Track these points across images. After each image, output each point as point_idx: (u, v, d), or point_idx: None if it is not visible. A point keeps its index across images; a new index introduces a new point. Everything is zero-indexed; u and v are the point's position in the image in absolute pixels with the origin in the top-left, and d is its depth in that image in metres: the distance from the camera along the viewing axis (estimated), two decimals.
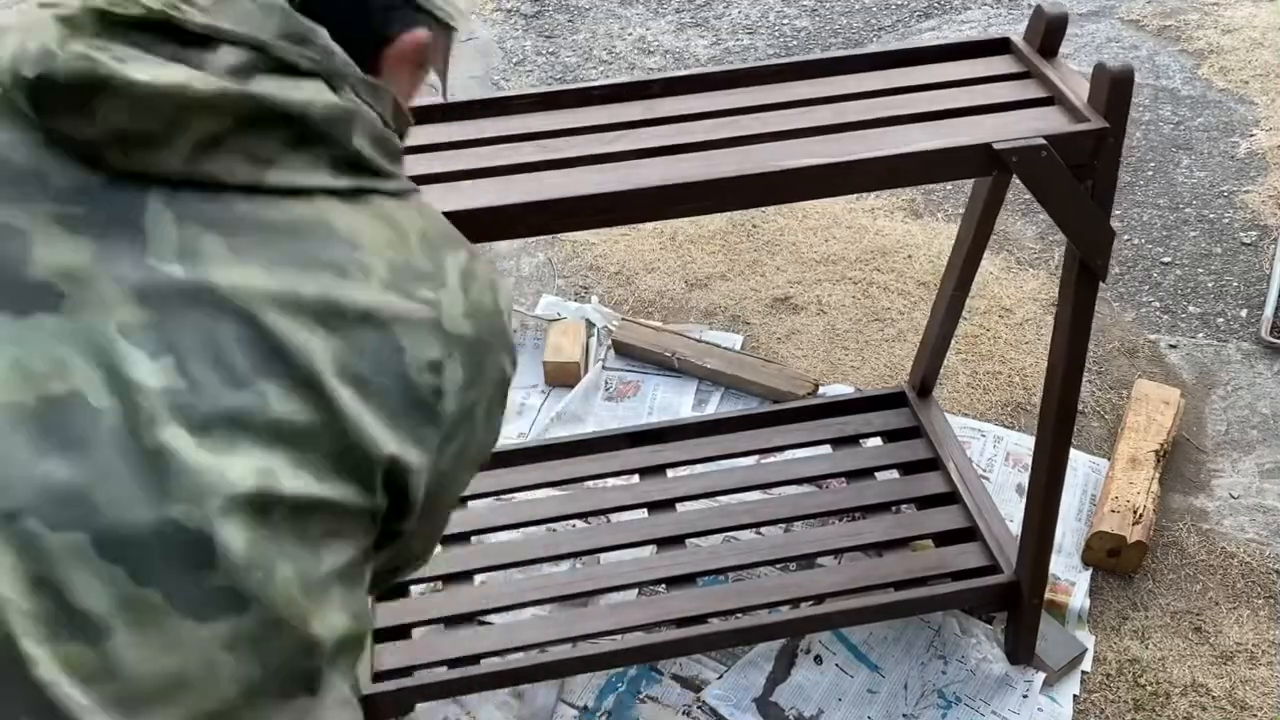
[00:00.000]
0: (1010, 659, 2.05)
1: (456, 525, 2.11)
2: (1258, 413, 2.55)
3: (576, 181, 1.42)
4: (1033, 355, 2.70)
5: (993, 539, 2.02)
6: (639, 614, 1.97)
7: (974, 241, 2.00)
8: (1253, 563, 2.25)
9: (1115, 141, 1.46)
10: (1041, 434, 1.79)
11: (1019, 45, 1.64)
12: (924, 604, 1.99)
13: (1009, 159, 1.42)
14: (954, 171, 1.52)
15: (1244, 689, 2.04)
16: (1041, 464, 1.81)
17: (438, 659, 1.89)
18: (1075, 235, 1.52)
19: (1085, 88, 1.50)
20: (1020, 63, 1.62)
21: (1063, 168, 1.44)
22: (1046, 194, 1.47)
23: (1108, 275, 1.58)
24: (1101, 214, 1.50)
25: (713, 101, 1.57)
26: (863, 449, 2.26)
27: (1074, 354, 1.67)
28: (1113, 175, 1.49)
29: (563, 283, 2.94)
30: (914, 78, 1.61)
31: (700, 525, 2.11)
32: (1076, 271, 1.57)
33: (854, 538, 2.07)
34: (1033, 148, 1.42)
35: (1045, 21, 1.58)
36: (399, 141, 0.96)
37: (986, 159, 1.43)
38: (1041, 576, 1.92)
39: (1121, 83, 1.42)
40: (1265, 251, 2.98)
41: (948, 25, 3.98)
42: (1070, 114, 1.49)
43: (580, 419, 2.55)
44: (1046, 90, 1.55)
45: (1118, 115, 1.45)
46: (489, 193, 1.40)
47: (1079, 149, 1.45)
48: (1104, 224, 1.51)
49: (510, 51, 3.98)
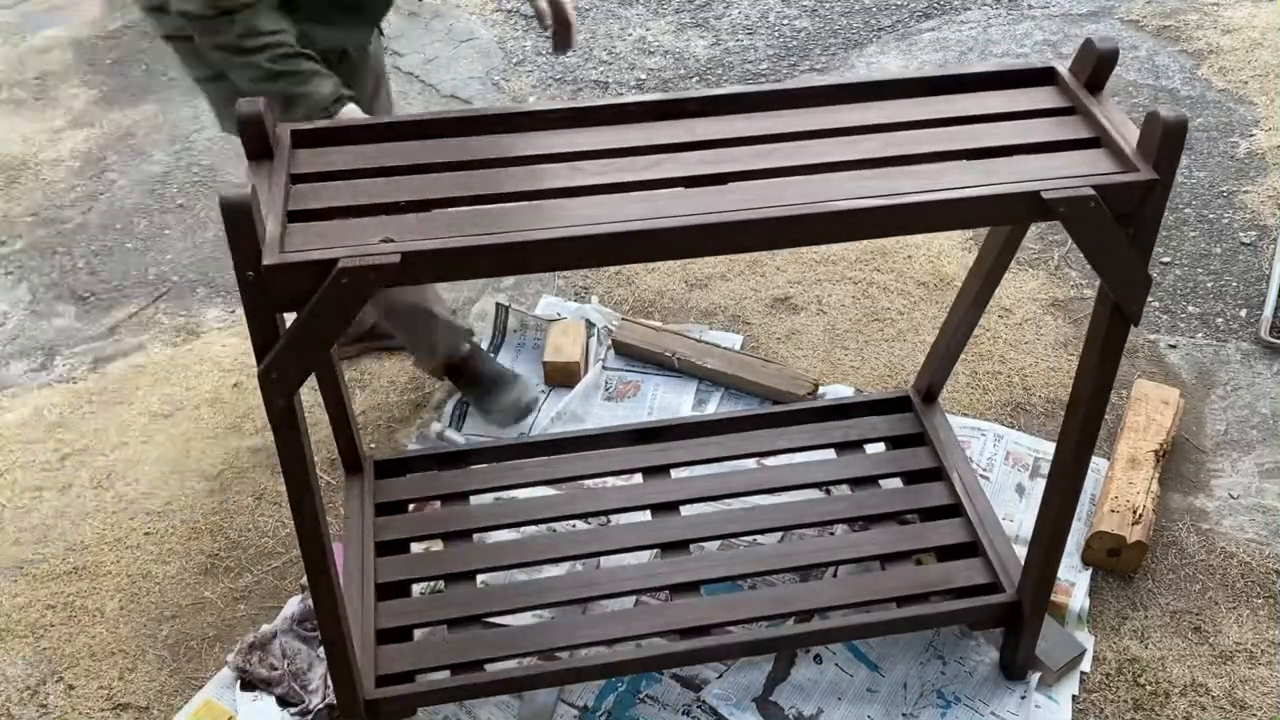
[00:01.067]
0: (1006, 674, 2.05)
1: (457, 524, 2.11)
2: (1257, 413, 2.56)
3: (611, 211, 1.39)
4: (1032, 355, 2.71)
5: (995, 556, 2.01)
6: (641, 623, 1.97)
7: (996, 263, 1.97)
8: (1252, 563, 2.25)
9: (1163, 192, 1.42)
10: (1056, 471, 1.76)
11: (1064, 77, 1.59)
12: (925, 621, 1.98)
13: (1056, 208, 1.39)
14: (1001, 217, 1.48)
15: (1243, 689, 2.05)
16: (1053, 499, 1.79)
17: (440, 664, 1.89)
18: (1112, 281, 1.48)
19: (1132, 131, 1.46)
20: (1065, 96, 1.58)
21: (1109, 218, 1.41)
22: (1089, 241, 1.43)
23: (1140, 319, 1.54)
24: (1140, 262, 1.47)
25: (751, 125, 1.53)
26: (867, 455, 2.26)
27: (1096, 395, 1.62)
28: (1156, 224, 1.45)
29: (563, 283, 2.95)
30: (960, 108, 1.56)
31: (703, 530, 2.11)
32: (1109, 314, 1.53)
33: (857, 549, 2.07)
34: (1081, 198, 1.39)
35: (1095, 56, 1.53)
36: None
37: (1035, 207, 1.40)
38: (1042, 601, 1.91)
39: (1175, 133, 1.38)
40: (1264, 251, 2.98)
41: (947, 26, 3.99)
42: (1117, 159, 1.45)
43: (580, 419, 2.55)
44: (1092, 130, 1.51)
45: (1168, 166, 1.41)
46: (522, 223, 1.37)
47: (1126, 198, 1.42)
48: (1143, 271, 1.48)
49: (510, 51, 3.98)
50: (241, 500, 2.43)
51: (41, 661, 2.15)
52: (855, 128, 1.53)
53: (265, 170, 1.43)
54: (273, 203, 1.36)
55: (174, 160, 3.50)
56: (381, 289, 1.33)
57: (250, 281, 1.30)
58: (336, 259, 1.29)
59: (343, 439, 2.12)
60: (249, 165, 1.44)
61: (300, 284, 1.30)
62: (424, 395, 2.65)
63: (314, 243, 1.34)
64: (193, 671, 2.12)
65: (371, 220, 1.38)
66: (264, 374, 1.36)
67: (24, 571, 2.31)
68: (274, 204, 1.36)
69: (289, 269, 1.29)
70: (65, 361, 2.82)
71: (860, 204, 1.39)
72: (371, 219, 1.39)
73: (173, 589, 2.26)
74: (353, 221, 1.38)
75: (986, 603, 1.96)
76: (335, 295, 1.30)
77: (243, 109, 1.41)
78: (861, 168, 1.46)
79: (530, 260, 1.38)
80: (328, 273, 1.29)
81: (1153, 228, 1.45)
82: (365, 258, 1.30)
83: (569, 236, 1.35)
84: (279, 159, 1.44)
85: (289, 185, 1.42)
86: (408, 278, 1.33)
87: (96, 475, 2.50)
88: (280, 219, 1.34)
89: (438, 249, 1.32)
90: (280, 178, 1.41)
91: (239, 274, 1.29)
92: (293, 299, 1.32)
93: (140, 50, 4.06)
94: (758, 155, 1.48)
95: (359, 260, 1.29)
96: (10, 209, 3.34)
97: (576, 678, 1.97)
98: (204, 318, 2.93)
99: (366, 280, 1.30)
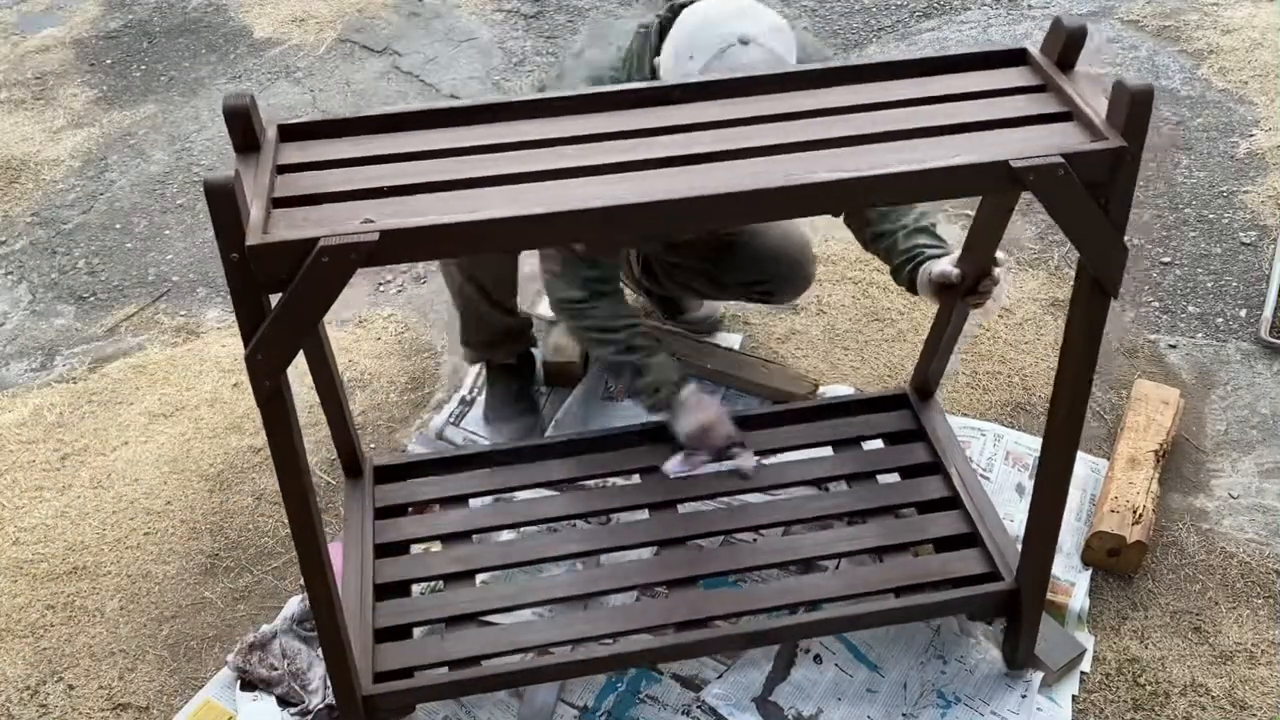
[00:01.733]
0: (1009, 665, 2.04)
1: (458, 525, 2.12)
2: (1257, 413, 2.56)
3: (593, 191, 1.41)
4: (1032, 355, 2.71)
5: (993, 545, 2.01)
6: (640, 617, 1.98)
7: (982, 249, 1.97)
8: (1252, 563, 2.25)
9: (1133, 160, 1.44)
10: (1048, 447, 1.77)
11: (1036, 57, 1.62)
12: (924, 610, 1.99)
13: (1025, 176, 1.40)
14: (973, 187, 1.49)
15: (1243, 689, 2.04)
16: (1046, 478, 1.79)
17: (439, 660, 1.89)
18: (1089, 253, 1.50)
19: (1103, 103, 1.48)
20: (1037, 75, 1.60)
21: (1079, 186, 1.42)
22: (1062, 212, 1.45)
23: (1119, 292, 1.56)
24: (1116, 232, 1.48)
25: (733, 109, 1.56)
26: (864, 451, 2.26)
27: (1082, 372, 1.64)
28: (1129, 194, 1.47)
29: None
30: (933, 89, 1.59)
31: (702, 527, 2.11)
32: (1088, 288, 1.55)
33: (855, 542, 2.07)
34: (1050, 166, 1.40)
35: (1064, 34, 1.56)
36: None
37: (1004, 176, 1.42)
38: (1042, 586, 1.91)
39: (1141, 101, 1.40)
40: (1264, 251, 2.98)
41: (947, 25, 3.99)
42: (1088, 130, 1.47)
43: (580, 419, 2.55)
44: (1064, 105, 1.53)
45: (1136, 134, 1.42)
46: (501, 203, 1.39)
47: (1096, 167, 1.43)
48: (1118, 242, 1.49)
49: (510, 51, 3.98)
50: (241, 500, 2.43)
51: (41, 661, 2.15)
52: (835, 109, 1.56)
53: (252, 162, 1.46)
54: (258, 190, 1.39)
55: (174, 160, 3.51)
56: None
57: (235, 263, 1.32)
58: (317, 238, 1.32)
59: (342, 441, 2.12)
60: (236, 157, 1.46)
61: (284, 264, 1.33)
62: (424, 395, 2.66)
63: (297, 225, 1.36)
64: (193, 671, 2.12)
65: (354, 204, 1.41)
66: (250, 356, 1.38)
67: (24, 571, 2.31)
68: (259, 191, 1.39)
69: (272, 249, 1.31)
70: (65, 361, 2.83)
71: (833, 176, 1.41)
72: (354, 203, 1.41)
73: (173, 589, 2.26)
74: (336, 206, 1.41)
75: (986, 591, 1.96)
76: (317, 274, 1.33)
77: (229, 103, 1.44)
78: (841, 145, 1.49)
79: (508, 237, 1.40)
80: (309, 252, 1.31)
81: (1125, 198, 1.47)
82: (345, 236, 1.32)
83: (546, 213, 1.36)
84: (265, 151, 1.47)
85: (274, 175, 1.45)
86: (387, 256, 1.35)
87: (96, 475, 2.50)
88: (265, 205, 1.37)
89: (417, 226, 1.34)
90: (266, 168, 1.44)
91: (224, 256, 1.32)
92: (276, 279, 1.34)
93: (140, 50, 4.07)
94: (740, 136, 1.50)
95: (339, 239, 1.31)
96: (10, 209, 3.34)
97: (576, 672, 1.97)
98: (204, 318, 2.93)
99: (347, 259, 1.32)
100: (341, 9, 4.24)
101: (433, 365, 2.75)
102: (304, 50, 4.02)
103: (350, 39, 4.08)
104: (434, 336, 2.83)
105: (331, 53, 4.01)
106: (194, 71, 3.93)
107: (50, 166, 3.50)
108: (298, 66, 3.94)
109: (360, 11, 4.23)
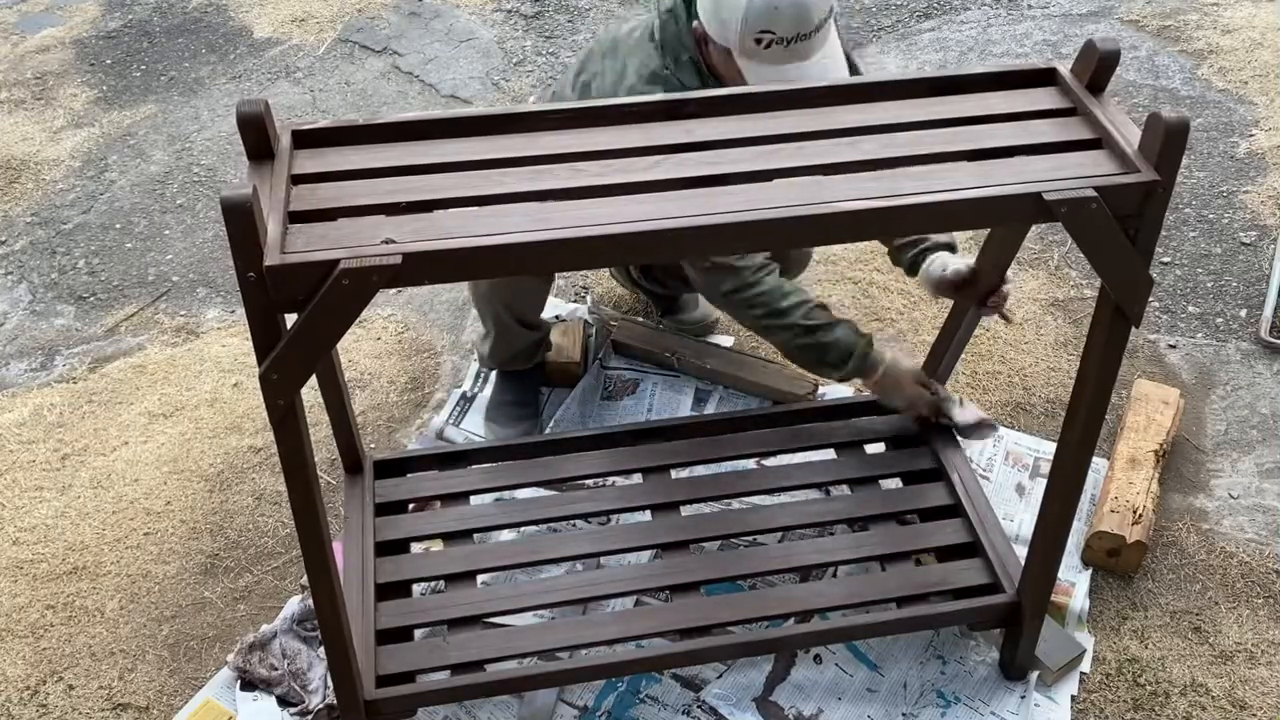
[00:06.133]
0: (1005, 674, 2.05)
1: (458, 523, 2.11)
2: (1257, 413, 2.56)
3: (612, 212, 1.38)
4: (1032, 355, 2.71)
5: (995, 556, 2.01)
6: (641, 623, 1.97)
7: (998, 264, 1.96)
8: (1252, 563, 2.25)
9: (1164, 193, 1.41)
10: (1055, 475, 1.75)
11: (1065, 78, 1.58)
12: (925, 621, 1.98)
13: (1058, 209, 1.38)
14: (1002, 218, 1.46)
15: (1243, 689, 2.05)
16: (1052, 507, 1.78)
17: (440, 664, 1.89)
18: (1113, 283, 1.47)
19: (1133, 131, 1.45)
20: (1067, 98, 1.56)
21: (1110, 220, 1.40)
22: (1090, 242, 1.43)
23: (1141, 321, 1.53)
24: (1142, 264, 1.46)
25: (752, 125, 1.52)
26: (866, 455, 2.25)
27: (1097, 399, 1.62)
28: (1158, 225, 1.44)
29: (562, 282, 2.94)
30: (960, 108, 1.55)
31: (703, 531, 2.10)
32: (1110, 316, 1.52)
33: (857, 549, 2.07)
34: (1082, 199, 1.38)
35: (1097, 57, 1.52)
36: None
37: (1035, 208, 1.39)
38: (1042, 603, 1.91)
39: (1176, 134, 1.37)
40: (1264, 251, 2.98)
41: (947, 26, 3.99)
42: (1119, 160, 1.44)
43: (580, 419, 2.55)
44: (1094, 131, 1.50)
45: (1170, 167, 1.40)
46: (523, 224, 1.37)
47: (1128, 200, 1.41)
48: (1144, 273, 1.47)
49: (510, 51, 3.98)
50: (241, 500, 2.43)
51: (41, 661, 2.15)
52: (856, 128, 1.52)
53: (266, 171, 1.42)
54: (274, 203, 1.36)
55: (174, 160, 3.50)
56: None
57: (252, 283, 1.29)
58: (338, 260, 1.29)
59: (343, 439, 2.12)
60: (250, 165, 1.43)
61: (302, 285, 1.30)
62: (424, 395, 2.65)
63: (316, 244, 1.33)
64: (193, 671, 2.12)
65: (373, 221, 1.38)
66: (265, 375, 1.36)
67: (24, 571, 2.31)
68: (275, 205, 1.36)
69: (291, 270, 1.29)
70: (65, 361, 2.82)
71: (862, 205, 1.38)
72: (373, 219, 1.38)
73: (173, 589, 2.26)
74: (354, 222, 1.38)
75: (986, 603, 1.96)
76: (337, 297, 1.30)
77: (243, 110, 1.41)
78: (862, 169, 1.46)
79: (532, 261, 1.38)
80: (329, 274, 1.29)
81: (1154, 229, 1.45)
82: (367, 259, 1.29)
83: (570, 238, 1.35)
84: (279, 160, 1.44)
85: (290, 186, 1.42)
86: (409, 279, 1.32)
87: (96, 475, 2.50)
88: (281, 220, 1.34)
89: (440, 250, 1.32)
90: (281, 178, 1.41)
91: (240, 275, 1.29)
92: (294, 300, 1.31)
93: (140, 50, 4.06)
94: (758, 156, 1.47)
95: (360, 261, 1.29)
96: (10, 209, 3.34)
97: (577, 678, 1.97)
98: (204, 318, 2.93)
99: (368, 281, 1.30)
100: (341, 9, 4.24)
101: (433, 365, 2.75)
102: (304, 50, 4.02)
103: (350, 39, 4.08)
104: (434, 336, 2.83)
105: (331, 53, 4.01)
106: (194, 71, 3.93)
107: (50, 166, 3.50)
108: (298, 66, 3.93)
109: (360, 11, 4.22)
